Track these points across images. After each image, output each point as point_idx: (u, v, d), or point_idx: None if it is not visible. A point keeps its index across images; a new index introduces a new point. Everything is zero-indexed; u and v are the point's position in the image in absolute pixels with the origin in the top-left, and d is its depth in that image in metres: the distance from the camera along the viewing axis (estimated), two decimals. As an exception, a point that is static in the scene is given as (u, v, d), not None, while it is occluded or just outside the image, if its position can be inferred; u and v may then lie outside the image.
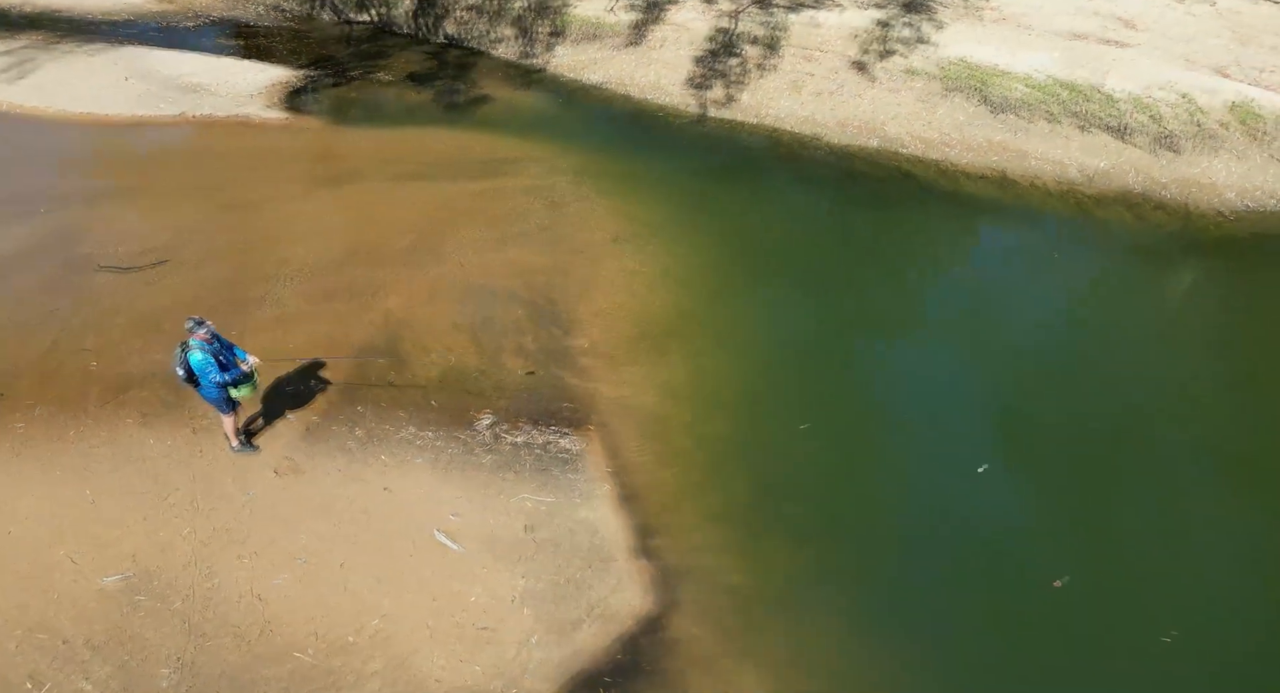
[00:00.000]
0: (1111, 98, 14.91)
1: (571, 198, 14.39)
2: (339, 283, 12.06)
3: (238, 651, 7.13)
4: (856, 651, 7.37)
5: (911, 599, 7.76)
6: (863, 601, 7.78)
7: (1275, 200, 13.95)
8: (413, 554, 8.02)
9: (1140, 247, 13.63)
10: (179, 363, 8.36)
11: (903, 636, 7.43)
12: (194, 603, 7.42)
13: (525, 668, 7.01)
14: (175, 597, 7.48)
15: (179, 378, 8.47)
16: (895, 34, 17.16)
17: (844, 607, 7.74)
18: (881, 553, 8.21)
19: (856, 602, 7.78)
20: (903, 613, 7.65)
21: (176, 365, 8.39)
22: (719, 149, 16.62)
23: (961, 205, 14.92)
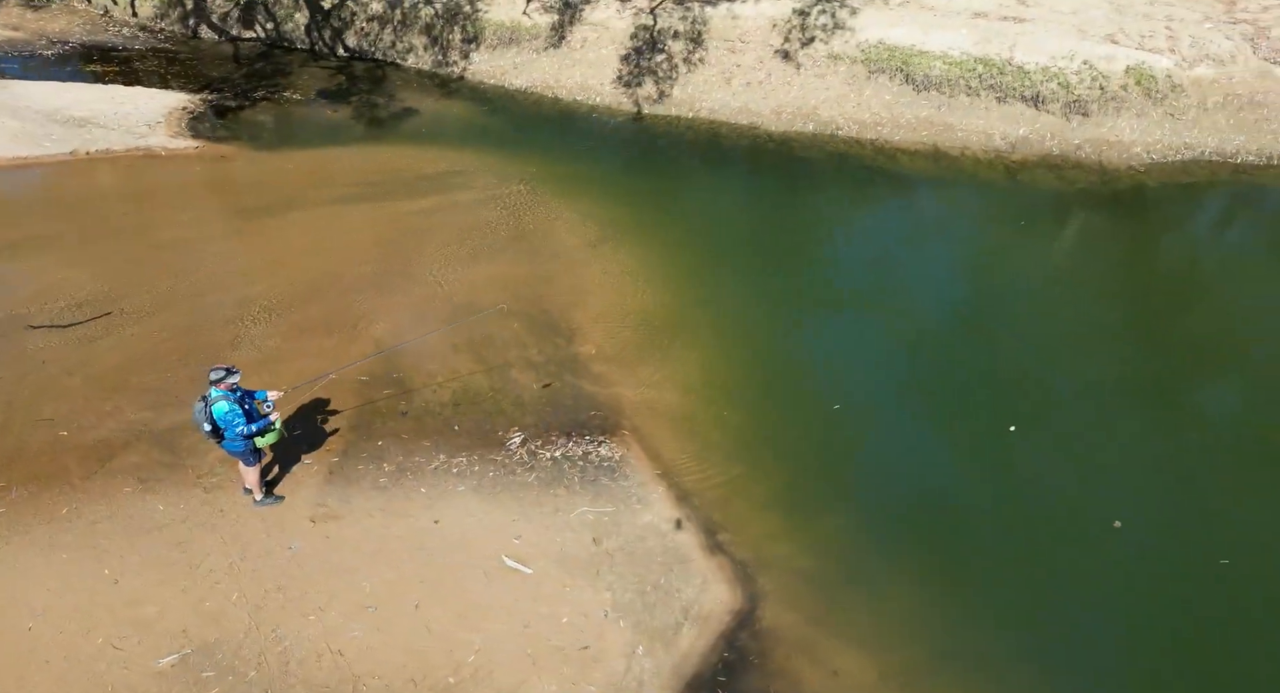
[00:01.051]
0: (1023, 70, 15.99)
1: (531, 205, 14.19)
2: (314, 316, 11.47)
3: (329, 712, 6.75)
4: (931, 612, 7.69)
5: (971, 555, 8.17)
6: (924, 563, 8.13)
7: (1175, 151, 15.35)
8: (487, 584, 7.78)
9: (1066, 202, 14.70)
10: (203, 417, 7.77)
11: (974, 591, 7.83)
12: (270, 670, 6.95)
13: (640, 682, 6.96)
14: (247, 667, 6.98)
15: (204, 433, 7.87)
16: (813, 22, 17.75)
17: (909, 572, 8.06)
18: (930, 517, 8.59)
19: (919, 565, 8.11)
20: (967, 569, 8.05)
21: (201, 420, 7.80)
22: (663, 145, 16.78)
23: (903, 180, 15.67)
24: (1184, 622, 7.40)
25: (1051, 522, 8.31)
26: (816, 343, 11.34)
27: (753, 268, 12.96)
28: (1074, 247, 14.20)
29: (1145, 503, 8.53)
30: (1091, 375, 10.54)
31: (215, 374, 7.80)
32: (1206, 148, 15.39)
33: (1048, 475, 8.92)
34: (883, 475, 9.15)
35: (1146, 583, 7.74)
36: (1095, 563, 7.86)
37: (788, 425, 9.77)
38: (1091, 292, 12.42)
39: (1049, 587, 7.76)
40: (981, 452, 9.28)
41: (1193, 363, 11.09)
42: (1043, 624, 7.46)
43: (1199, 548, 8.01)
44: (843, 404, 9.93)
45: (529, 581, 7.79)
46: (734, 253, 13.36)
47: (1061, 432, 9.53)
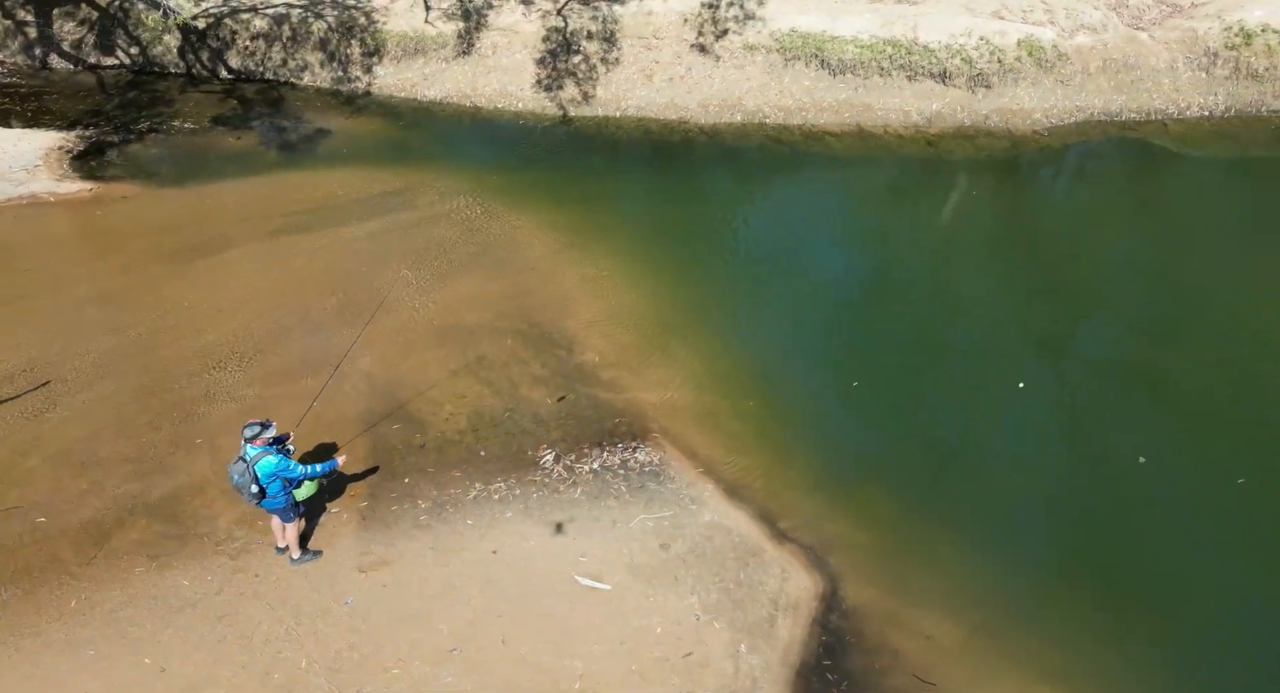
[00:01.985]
0: (928, 48, 16.94)
1: (483, 219, 13.83)
2: (288, 358, 10.79)
3: (440, 766, 6.43)
4: (988, 564, 8.14)
5: (1010, 504, 8.68)
6: (968, 519, 8.57)
7: (1070, 114, 16.67)
8: (569, 606, 7.61)
9: (985, 168, 15.72)
10: (248, 478, 7.19)
11: (1022, 538, 8.33)
12: (370, 734, 6.54)
13: (753, 679, 7.01)
14: (343, 735, 6.54)
15: (248, 496, 7.28)
16: (723, 14, 18.10)
17: (957, 529, 8.48)
18: (961, 474, 9.07)
19: (963, 521, 8.55)
20: (1009, 518, 8.55)
21: (246, 482, 7.22)
22: (597, 146, 16.70)
23: (836, 160, 16.26)
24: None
25: (1077, 463, 8.94)
26: (809, 322, 11.66)
27: (722, 258, 13.18)
28: (998, 207, 15.28)
29: (1164, 436, 9.28)
30: (1063, 320, 11.40)
31: (250, 431, 7.24)
32: (1095, 109, 16.79)
33: (1058, 423, 9.58)
34: (905, 441, 9.56)
35: (1179, 511, 8.45)
36: (1127, 497, 8.52)
37: (806, 407, 10.03)
38: (1034, 243, 13.44)
39: (1086, 522, 8.37)
40: (994, 408, 9.84)
41: (1145, 293, 12.15)
42: (1088, 557, 8.04)
43: (1218, 475, 8.74)
44: (854, 376, 10.29)
45: (610, 597, 7.68)
46: (698, 245, 13.53)
47: (1062, 380, 10.25)
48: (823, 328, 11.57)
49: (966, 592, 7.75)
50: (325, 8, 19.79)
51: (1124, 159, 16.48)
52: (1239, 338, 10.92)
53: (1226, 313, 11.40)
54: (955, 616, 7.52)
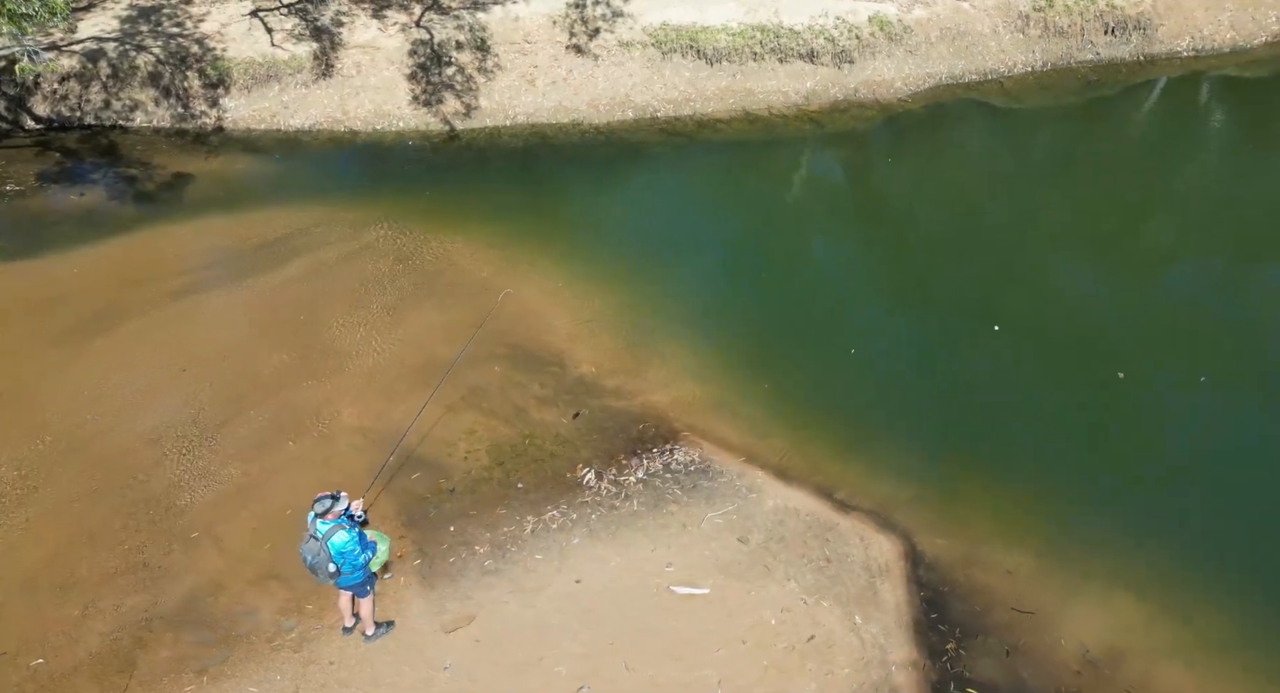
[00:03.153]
0: (794, 31, 17.86)
1: (411, 245, 13.15)
2: (258, 425, 9.80)
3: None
4: (1028, 490, 8.86)
5: (1026, 432, 9.51)
6: (992, 452, 9.31)
7: (923, 81, 18.19)
8: (675, 618, 7.52)
9: (865, 136, 16.88)
10: (324, 557, 6.51)
11: (1046, 461, 9.16)
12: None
13: (881, 647, 7.27)
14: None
15: (324, 575, 6.59)
16: (591, 13, 18.13)
17: (989, 463, 9.18)
18: (972, 413, 9.82)
19: (990, 456, 9.27)
20: (1029, 444, 9.37)
21: (322, 562, 6.53)
22: (496, 158, 16.24)
23: (733, 144, 16.79)
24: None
25: (1061, 386, 9.96)
26: (777, 298, 12.08)
27: (664, 250, 13.33)
28: (887, 167, 16.50)
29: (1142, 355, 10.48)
30: (997, 254, 12.62)
31: (321, 505, 6.56)
32: (942, 74, 18.42)
33: (1030, 353, 10.59)
34: (910, 394, 10.20)
35: (1149, 418, 9.63)
36: (1115, 409, 9.59)
37: (808, 380, 10.40)
38: (942, 196, 14.77)
39: (1088, 435, 9.38)
40: (983, 349, 10.73)
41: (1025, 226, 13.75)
42: (1105, 465, 9.00)
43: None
44: (835, 341, 10.87)
45: (711, 599, 7.67)
46: (637, 242, 13.59)
47: (1031, 315, 11.26)
48: (793, 301, 12.03)
49: (1017, 521, 8.43)
50: (145, 38, 17.86)
51: (976, 115, 18.21)
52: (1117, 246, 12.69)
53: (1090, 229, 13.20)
54: (1019, 546, 8.17)
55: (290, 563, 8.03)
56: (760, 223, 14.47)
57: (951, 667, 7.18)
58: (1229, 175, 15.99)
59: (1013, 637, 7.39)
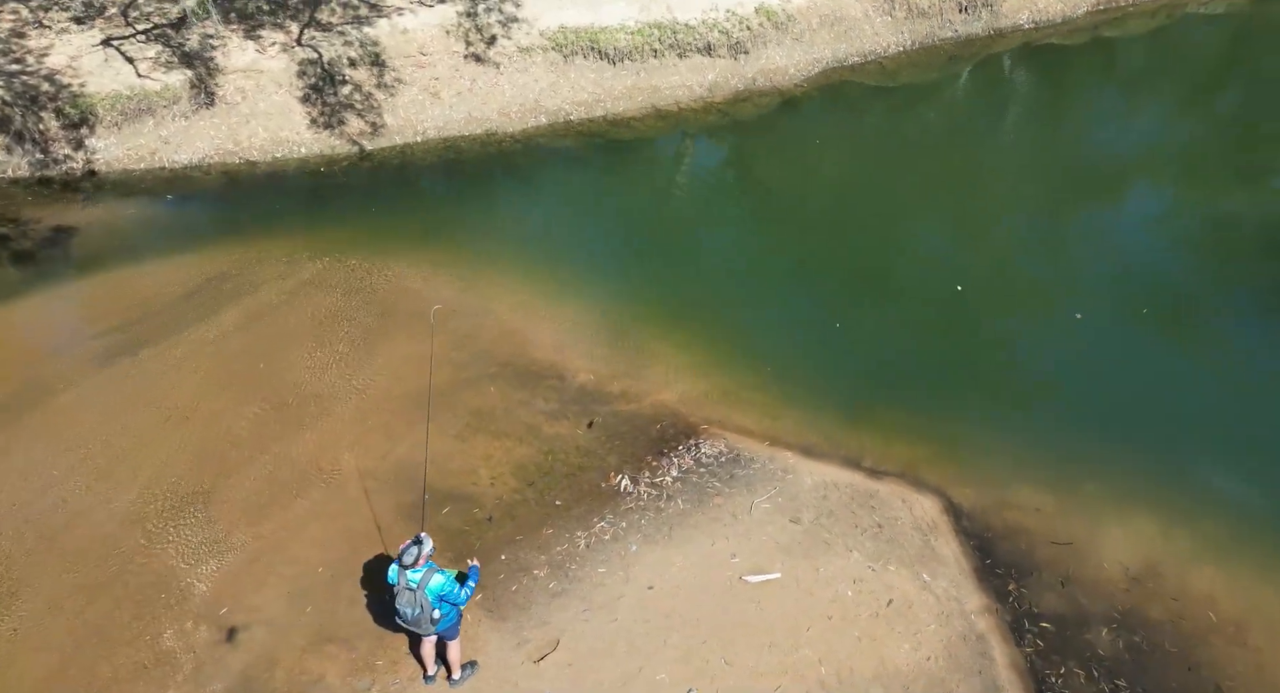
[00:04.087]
0: (689, 26, 18.23)
1: (358, 275, 12.50)
2: (253, 486, 9.08)
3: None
4: (1024, 433, 9.55)
5: (1017, 376, 10.29)
6: (985, 393, 10.00)
7: (812, 65, 19.03)
8: (756, 606, 7.60)
9: (769, 120, 17.52)
10: (423, 605, 6.14)
11: (1047, 401, 9.93)
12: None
13: (955, 597, 7.65)
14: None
15: (425, 626, 6.24)
16: (484, 21, 17.78)
17: (989, 407, 9.83)
18: (961, 363, 10.54)
19: (985, 396, 9.95)
20: (1019, 386, 10.14)
21: (425, 613, 6.16)
22: (415, 176, 15.68)
23: (648, 141, 16.99)
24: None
25: (1030, 328, 10.90)
26: (743, 281, 12.41)
27: (616, 248, 13.42)
28: (797, 148, 17.21)
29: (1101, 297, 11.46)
30: (949, 215, 13.53)
31: (409, 555, 6.20)
32: (828, 58, 19.34)
33: (992, 303, 11.52)
34: (895, 354, 10.80)
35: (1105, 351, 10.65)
36: (1075, 346, 10.57)
37: (800, 355, 10.74)
38: (851, 168, 15.65)
39: (1062, 370, 10.33)
40: (952, 306, 11.51)
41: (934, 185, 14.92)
42: (1093, 398, 9.88)
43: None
44: (824, 314, 11.33)
45: (784, 582, 7.81)
46: (586, 243, 13.59)
47: (996, 275, 12.13)
48: (758, 282, 12.40)
49: (1029, 461, 9.09)
50: (-21, 78, 16.00)
51: (860, 94, 19.27)
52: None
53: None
54: (1040, 484, 8.83)
55: (342, 622, 7.52)
56: (697, 211, 14.77)
57: (1019, 606, 7.68)
58: (1056, 130, 17.93)
59: (1061, 568, 7.98)
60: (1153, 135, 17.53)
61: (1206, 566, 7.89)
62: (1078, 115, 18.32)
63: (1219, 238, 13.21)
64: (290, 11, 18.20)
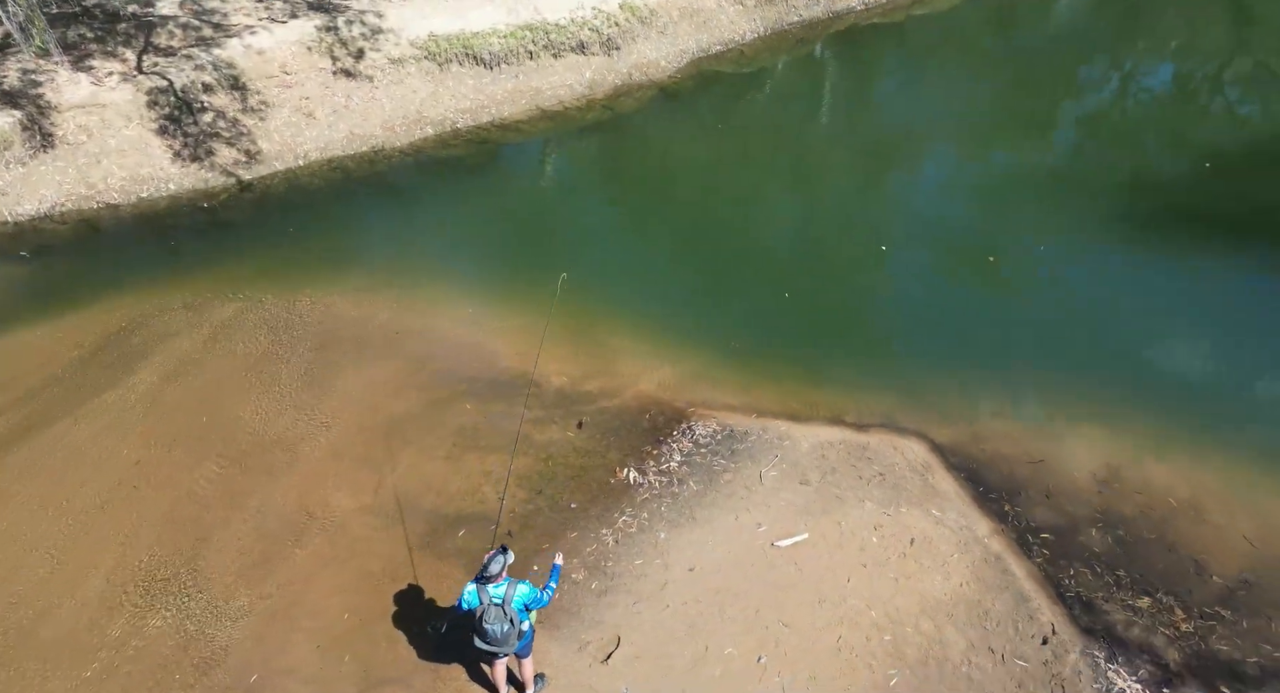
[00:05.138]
0: (560, 26, 18.29)
1: (282, 313, 11.77)
2: (244, 547, 8.45)
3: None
4: (977, 370, 10.39)
5: (954, 320, 11.15)
6: (938, 348, 10.77)
7: (680, 57, 19.62)
8: (795, 567, 7.92)
9: (651, 111, 17.93)
10: (515, 622, 5.99)
11: (980, 338, 10.83)
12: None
13: (965, 526, 8.29)
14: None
15: (511, 645, 6.09)
16: (347, 34, 17.06)
17: (936, 357, 10.56)
18: (904, 319, 11.35)
19: (938, 351, 10.70)
20: (961, 330, 11.01)
21: (515, 627, 6.01)
22: (309, 200, 14.82)
23: (541, 139, 16.92)
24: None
25: (949, 270, 11.97)
26: (674, 262, 12.77)
27: (542, 246, 13.41)
28: (689, 131, 17.76)
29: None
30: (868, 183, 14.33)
31: (495, 566, 6.04)
32: (693, 49, 19.99)
33: (924, 256, 12.47)
34: (850, 314, 11.53)
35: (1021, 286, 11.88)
36: (995, 286, 11.73)
37: (755, 328, 11.18)
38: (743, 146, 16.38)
39: (983, 308, 11.47)
40: (879, 263, 12.38)
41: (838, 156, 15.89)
42: (1025, 327, 10.95)
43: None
44: (765, 284, 11.89)
45: (814, 541, 8.19)
46: (508, 246, 13.47)
47: (921, 241, 13.02)
48: (689, 262, 12.78)
49: (985, 393, 9.95)
50: None
51: (726, 79, 20.07)
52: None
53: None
54: (1000, 413, 9.69)
55: (388, 663, 7.17)
56: (606, 204, 15.02)
57: (1019, 523, 8.45)
58: (892, 96, 19.74)
59: (1042, 484, 8.85)
60: (957, 99, 19.53)
61: (1155, 461, 9.01)
62: (904, 83, 20.21)
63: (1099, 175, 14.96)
64: (120, 38, 16.69)
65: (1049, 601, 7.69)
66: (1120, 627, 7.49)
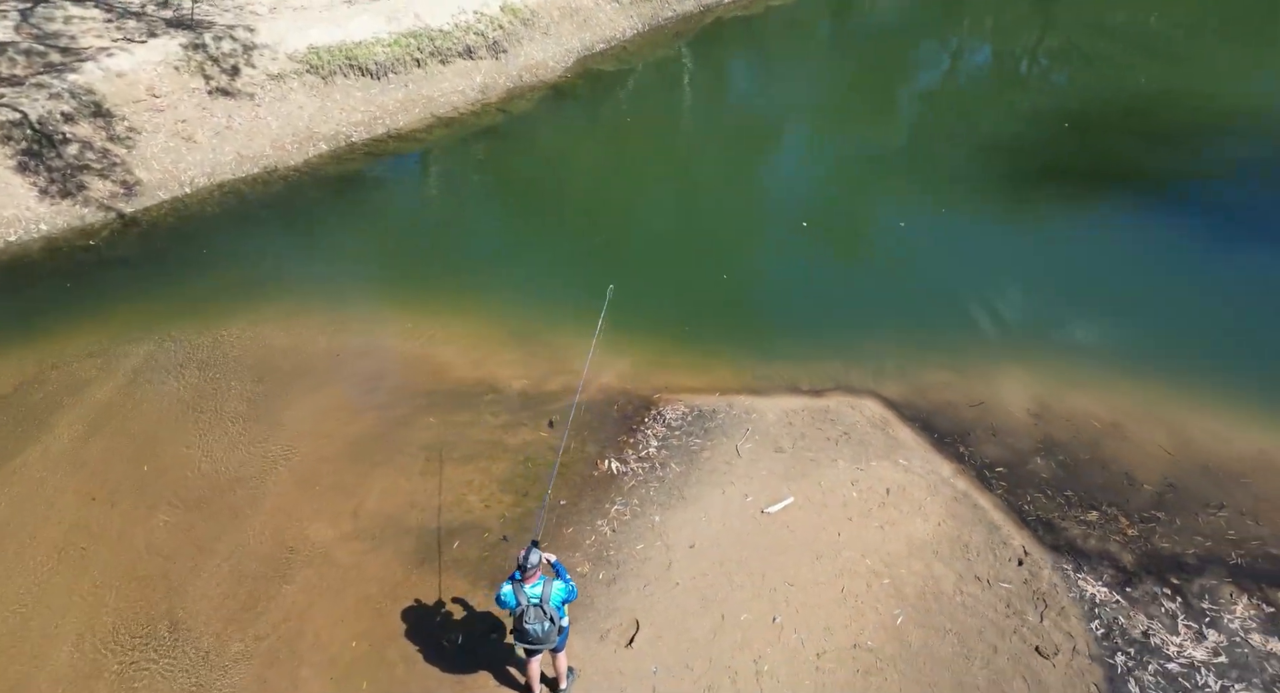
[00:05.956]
0: (444, 32, 18.02)
1: (202, 350, 11.16)
2: (225, 592, 8.03)
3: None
4: (908, 327, 11.13)
5: (875, 283, 11.90)
6: (868, 311, 11.52)
7: (567, 56, 19.74)
8: (787, 530, 8.30)
9: (548, 110, 18.00)
10: (554, 618, 6.06)
11: (890, 296, 11.61)
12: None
13: (932, 471, 8.90)
14: None
15: (557, 633, 6.17)
16: (217, 51, 16.20)
17: (866, 319, 11.35)
18: (833, 287, 12.12)
19: (868, 314, 11.45)
20: (879, 291, 11.76)
21: (555, 624, 6.07)
22: (208, 229, 14.01)
23: (443, 146, 16.67)
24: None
25: (868, 240, 12.71)
26: (605, 253, 13.05)
27: (468, 252, 13.34)
28: (585, 126, 17.97)
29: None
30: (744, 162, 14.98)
31: (533, 557, 6.07)
32: (578, 48, 20.18)
33: (831, 227, 13.30)
34: (780, 288, 12.24)
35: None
36: (904, 248, 12.63)
37: (695, 310, 11.56)
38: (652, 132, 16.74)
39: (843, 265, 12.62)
40: (789, 243, 13.02)
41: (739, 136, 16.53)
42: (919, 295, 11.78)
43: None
44: (717, 268, 12.31)
45: (800, 503, 8.60)
46: (433, 255, 13.33)
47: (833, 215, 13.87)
48: (621, 251, 13.04)
49: (918, 348, 10.71)
50: None
51: (613, 75, 20.43)
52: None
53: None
54: (935, 364, 10.45)
55: (409, 681, 7.09)
56: (516, 201, 15.09)
57: (976, 461, 9.17)
58: (759, 83, 20.89)
59: (986, 424, 9.63)
60: (819, 82, 20.83)
61: (1075, 391, 10.00)
62: (773, 70, 21.38)
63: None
64: (-48, 70, 15.16)
65: (1016, 527, 8.42)
66: (1079, 540, 8.31)
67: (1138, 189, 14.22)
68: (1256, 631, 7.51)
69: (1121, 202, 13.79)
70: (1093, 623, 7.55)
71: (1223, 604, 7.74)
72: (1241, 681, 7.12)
